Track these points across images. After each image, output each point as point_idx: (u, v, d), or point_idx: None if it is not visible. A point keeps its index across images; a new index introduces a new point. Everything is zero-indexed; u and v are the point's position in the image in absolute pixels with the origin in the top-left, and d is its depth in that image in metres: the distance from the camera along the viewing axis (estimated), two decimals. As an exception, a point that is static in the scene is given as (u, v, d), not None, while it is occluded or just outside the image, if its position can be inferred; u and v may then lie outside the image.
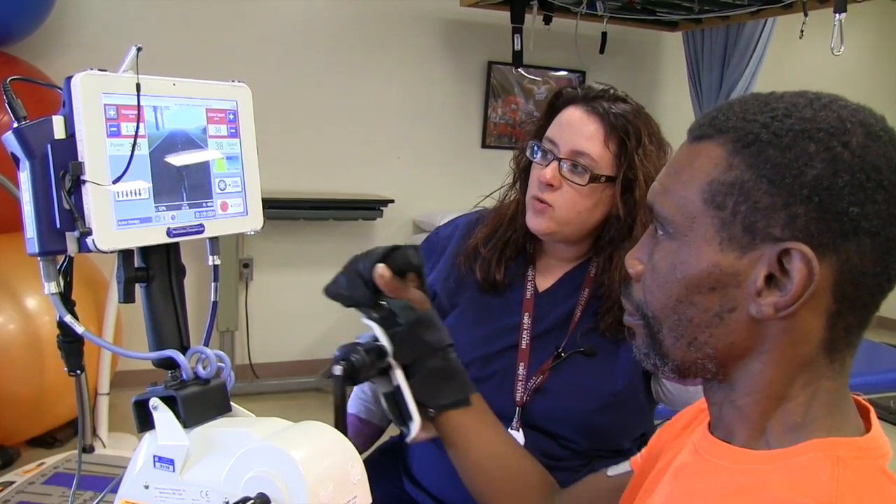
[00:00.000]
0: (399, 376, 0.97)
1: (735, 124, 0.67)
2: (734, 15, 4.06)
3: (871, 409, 0.72)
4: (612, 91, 1.33)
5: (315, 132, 4.14)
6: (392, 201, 4.09)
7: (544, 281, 1.39)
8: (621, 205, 1.28)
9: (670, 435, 0.88)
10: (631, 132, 1.28)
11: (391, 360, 0.96)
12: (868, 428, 0.70)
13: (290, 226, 4.07)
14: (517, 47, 3.85)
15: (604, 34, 4.00)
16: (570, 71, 4.61)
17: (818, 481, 0.62)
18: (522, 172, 1.41)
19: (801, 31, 3.24)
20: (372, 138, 4.28)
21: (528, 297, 1.37)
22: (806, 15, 3.31)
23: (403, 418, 0.98)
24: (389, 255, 0.99)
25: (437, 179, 4.28)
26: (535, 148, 1.33)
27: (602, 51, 4.05)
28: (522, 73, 4.16)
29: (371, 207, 4.09)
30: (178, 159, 0.80)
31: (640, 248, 0.76)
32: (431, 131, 4.33)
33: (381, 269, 0.97)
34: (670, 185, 0.71)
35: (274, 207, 3.78)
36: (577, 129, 1.28)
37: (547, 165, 1.30)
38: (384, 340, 0.96)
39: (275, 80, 3.97)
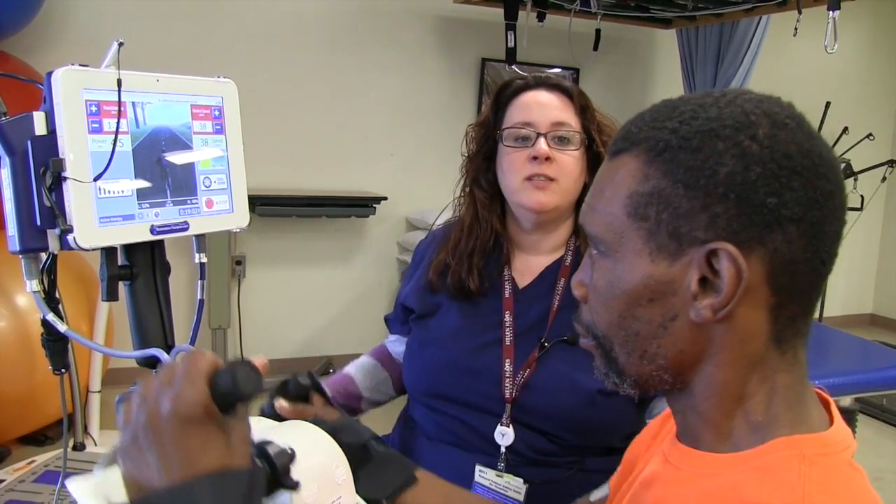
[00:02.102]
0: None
1: (647, 134, 0.67)
2: (728, 12, 4.06)
3: (832, 401, 0.72)
4: (551, 74, 1.42)
5: (308, 129, 4.13)
6: (385, 198, 4.09)
7: (523, 278, 1.39)
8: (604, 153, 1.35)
9: (641, 446, 0.88)
10: (586, 98, 1.38)
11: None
12: (831, 420, 0.69)
13: (282, 223, 4.05)
14: (511, 44, 3.84)
15: (597, 31, 4.00)
16: (563, 68, 4.60)
17: (786, 481, 0.61)
18: (482, 175, 1.42)
19: (796, 29, 3.24)
20: (365, 135, 4.27)
21: (508, 295, 1.37)
22: (800, 12, 3.31)
23: None
24: (283, 388, 1.04)
25: (431, 177, 4.26)
26: (511, 137, 1.35)
27: (596, 48, 4.04)
28: (516, 70, 4.15)
29: (364, 205, 4.08)
30: (164, 157, 0.79)
31: (582, 270, 0.76)
32: (425, 128, 4.32)
33: (281, 403, 1.02)
34: (595, 203, 0.71)
35: (266, 204, 3.77)
36: (547, 104, 1.35)
37: (533, 144, 1.31)
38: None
39: (267, 76, 3.95)
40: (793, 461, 0.63)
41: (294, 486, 0.68)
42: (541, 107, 1.34)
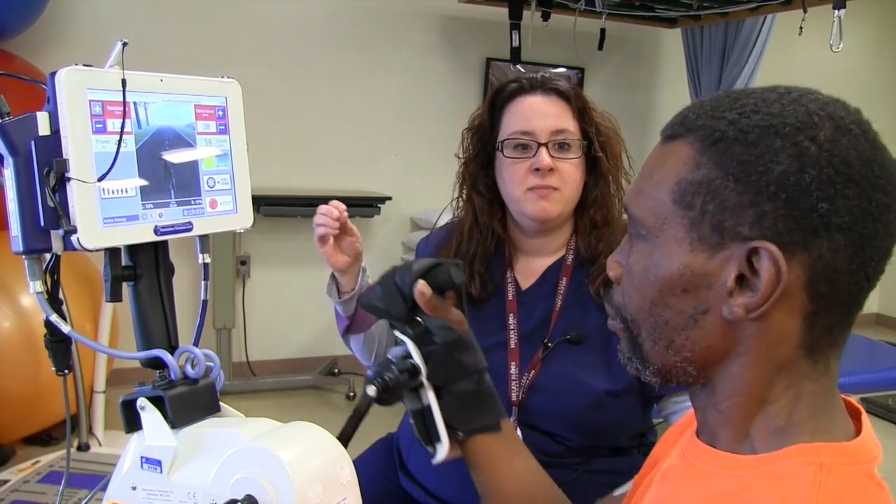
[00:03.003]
0: (430, 397, 0.93)
1: (704, 122, 0.66)
2: (733, 11, 4.05)
3: (863, 411, 0.70)
4: (547, 74, 1.38)
5: (312, 129, 4.13)
6: (390, 198, 4.08)
7: (525, 280, 1.39)
8: (604, 162, 1.35)
9: (668, 443, 0.87)
10: (583, 99, 1.37)
11: (423, 380, 0.92)
12: (859, 431, 0.68)
13: (287, 223, 4.05)
14: (515, 44, 3.84)
15: (602, 31, 3.99)
16: (568, 67, 4.60)
17: (800, 488, 0.60)
18: (480, 181, 1.41)
19: (801, 28, 3.22)
20: (369, 135, 4.27)
21: (511, 298, 1.36)
22: (805, 11, 3.29)
23: (430, 438, 0.95)
24: (431, 271, 0.94)
25: (435, 176, 4.20)
26: (510, 146, 1.34)
27: (601, 47, 4.04)
28: (521, 69, 4.14)
29: (369, 204, 4.08)
30: (167, 157, 0.79)
31: (620, 252, 0.75)
32: (429, 128, 4.31)
33: (423, 287, 0.92)
34: (643, 186, 0.70)
35: (271, 204, 3.77)
36: (546, 112, 1.33)
37: (534, 154, 1.30)
38: (418, 359, 0.92)
39: (273, 76, 3.95)
40: (808, 468, 0.61)
41: None
42: (539, 115, 1.32)
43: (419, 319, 0.94)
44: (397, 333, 0.94)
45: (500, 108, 1.37)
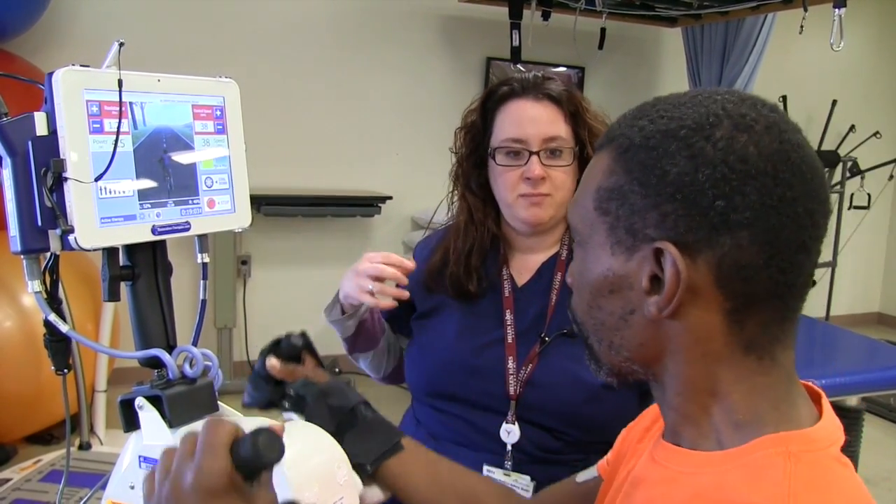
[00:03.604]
0: None
1: (621, 132, 0.69)
2: (734, 10, 4.05)
3: (823, 394, 0.72)
4: (540, 75, 1.37)
5: (313, 128, 4.13)
6: (390, 198, 4.09)
7: (521, 276, 1.40)
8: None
9: (634, 437, 0.88)
10: (576, 102, 1.35)
11: None
12: (821, 415, 0.69)
13: (287, 223, 4.06)
14: (516, 43, 3.84)
15: (603, 30, 3.99)
16: (568, 67, 4.60)
17: (772, 479, 0.61)
18: (474, 181, 1.41)
19: (801, 27, 3.22)
20: (370, 135, 4.27)
21: (508, 294, 1.37)
22: (806, 10, 3.29)
23: None
24: (276, 347, 1.07)
25: (436, 176, 4.19)
26: (502, 154, 1.34)
27: (601, 46, 4.04)
28: (521, 69, 4.15)
29: (369, 204, 4.09)
30: (165, 157, 0.79)
31: (573, 260, 0.78)
32: (430, 128, 4.32)
33: (272, 362, 1.04)
34: (577, 195, 0.74)
35: (272, 204, 3.77)
36: (537, 118, 1.32)
37: (526, 163, 1.31)
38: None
39: (273, 75, 3.96)
40: (778, 459, 0.62)
41: None
42: (531, 121, 1.32)
43: (290, 392, 1.02)
44: (283, 414, 1.01)
45: (492, 110, 1.37)
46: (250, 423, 0.81)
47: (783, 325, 0.67)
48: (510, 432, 1.28)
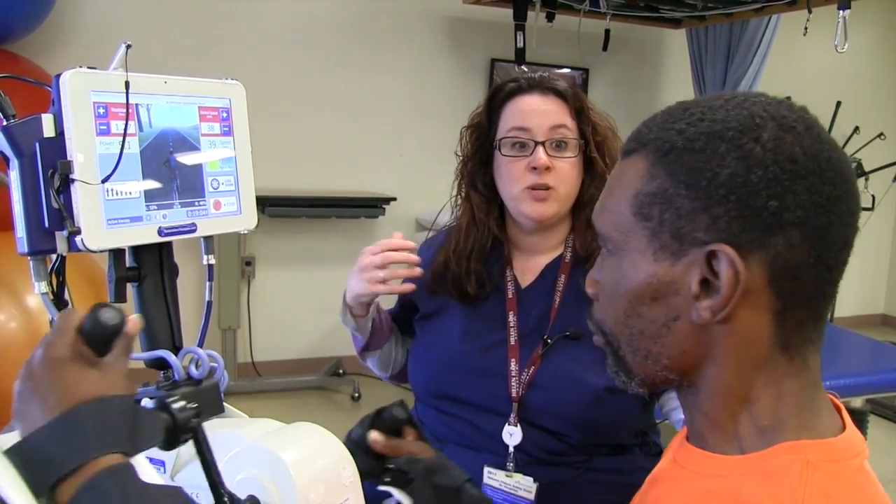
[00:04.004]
0: None
1: (656, 135, 0.68)
2: (738, 12, 4.04)
3: (842, 407, 0.72)
4: (546, 74, 1.39)
5: (318, 129, 4.13)
6: (394, 199, 4.09)
7: (524, 278, 1.40)
8: (600, 163, 1.35)
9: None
10: (580, 99, 1.37)
11: None
12: (844, 426, 0.69)
13: (292, 224, 4.06)
14: (520, 45, 3.84)
15: (607, 31, 3.98)
16: (572, 68, 4.60)
17: (787, 486, 0.61)
18: (478, 179, 1.41)
19: (805, 28, 3.22)
20: (374, 136, 4.27)
21: (511, 296, 1.37)
22: (810, 12, 3.29)
23: None
24: (377, 419, 1.03)
25: (440, 177, 4.19)
26: (507, 145, 1.34)
27: (605, 48, 4.03)
28: (525, 70, 4.14)
29: (373, 205, 4.08)
30: (172, 159, 0.79)
31: (595, 268, 0.77)
32: (434, 129, 4.31)
33: (375, 436, 1.01)
34: (606, 202, 0.72)
35: (276, 205, 3.78)
36: (544, 110, 1.34)
37: (531, 153, 1.31)
38: (405, 501, 0.96)
39: (278, 77, 3.96)
40: (795, 466, 0.62)
41: (191, 436, 0.71)
42: (537, 113, 1.33)
43: (391, 465, 1.00)
44: (380, 487, 0.98)
45: (498, 107, 1.38)
46: (255, 425, 0.81)
47: (816, 325, 0.67)
48: (512, 434, 1.28)
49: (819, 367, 0.69)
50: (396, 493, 0.97)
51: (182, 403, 0.70)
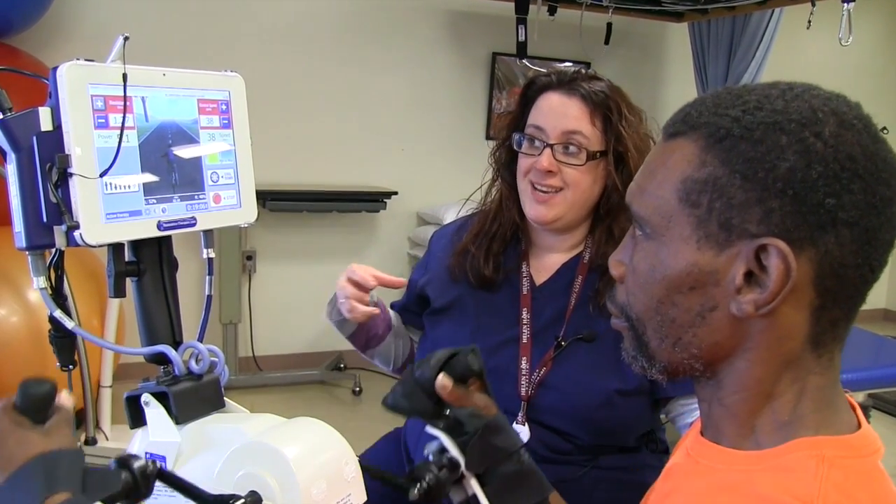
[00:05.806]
0: (475, 486, 0.92)
1: (707, 119, 0.66)
2: (740, 5, 4.02)
3: (857, 405, 0.71)
4: (584, 72, 1.36)
5: (318, 124, 4.12)
6: (395, 193, 4.08)
7: (540, 275, 1.39)
8: (617, 176, 1.31)
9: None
10: (612, 106, 1.32)
11: (464, 471, 0.91)
12: (860, 424, 0.69)
13: (293, 218, 4.05)
14: (521, 38, 3.82)
15: (609, 25, 3.97)
16: (574, 62, 4.58)
17: (803, 481, 0.61)
18: (505, 167, 1.41)
19: (809, 22, 3.20)
20: (375, 130, 4.26)
21: (525, 292, 1.36)
22: (813, 5, 3.27)
23: None
24: (448, 361, 0.94)
25: (441, 171, 4.26)
26: (521, 138, 1.34)
27: (607, 42, 4.02)
28: (527, 64, 4.13)
29: (374, 199, 4.08)
30: (171, 152, 0.78)
31: (622, 250, 0.75)
32: (435, 123, 4.30)
33: (443, 380, 0.92)
34: (646, 184, 0.70)
35: (277, 199, 3.77)
36: (563, 112, 1.31)
37: (540, 154, 1.30)
38: (455, 452, 0.91)
39: (279, 71, 3.95)
40: (811, 461, 0.62)
41: (147, 495, 0.72)
42: (555, 114, 1.31)
43: (447, 412, 0.94)
44: (429, 429, 0.93)
45: (531, 99, 1.37)
46: (256, 420, 0.81)
47: (847, 324, 0.66)
48: (520, 433, 1.27)
49: (840, 365, 0.68)
50: (447, 443, 0.91)
51: (142, 462, 0.70)
